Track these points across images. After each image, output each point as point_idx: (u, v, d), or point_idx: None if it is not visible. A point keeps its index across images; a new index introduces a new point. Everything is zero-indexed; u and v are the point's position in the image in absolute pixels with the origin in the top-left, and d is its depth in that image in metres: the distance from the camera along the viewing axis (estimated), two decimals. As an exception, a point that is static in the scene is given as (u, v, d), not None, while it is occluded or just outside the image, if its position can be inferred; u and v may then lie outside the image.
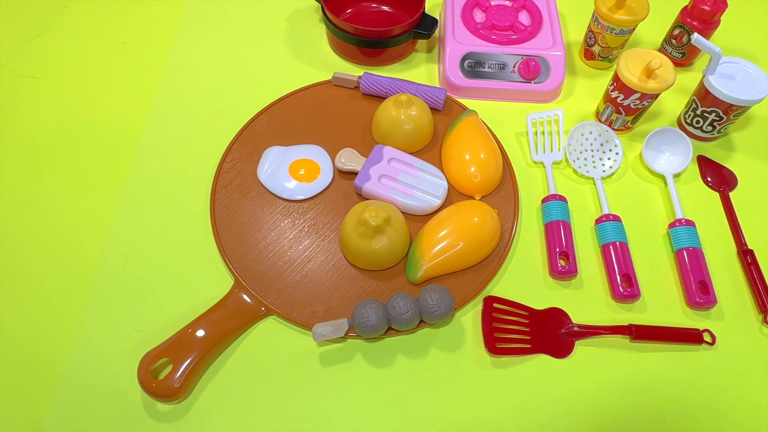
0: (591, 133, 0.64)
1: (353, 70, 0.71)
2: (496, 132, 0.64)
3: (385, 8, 0.75)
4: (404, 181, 0.57)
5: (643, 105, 0.62)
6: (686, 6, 0.68)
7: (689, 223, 0.57)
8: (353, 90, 0.67)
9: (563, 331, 0.52)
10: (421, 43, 0.74)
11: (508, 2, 0.73)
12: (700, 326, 0.52)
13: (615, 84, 0.62)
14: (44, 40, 0.73)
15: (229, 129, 0.63)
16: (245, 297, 0.52)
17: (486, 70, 0.68)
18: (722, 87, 0.59)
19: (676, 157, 0.63)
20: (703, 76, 0.61)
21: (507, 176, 0.61)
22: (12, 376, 0.49)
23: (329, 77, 0.68)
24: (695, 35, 0.58)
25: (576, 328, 0.52)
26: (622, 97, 0.62)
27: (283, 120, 0.65)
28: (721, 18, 0.67)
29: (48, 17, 0.75)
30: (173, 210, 0.58)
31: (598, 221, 0.58)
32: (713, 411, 0.49)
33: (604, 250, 0.56)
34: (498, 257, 0.55)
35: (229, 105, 0.67)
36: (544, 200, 0.59)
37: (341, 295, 0.53)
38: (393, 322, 0.48)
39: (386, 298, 0.53)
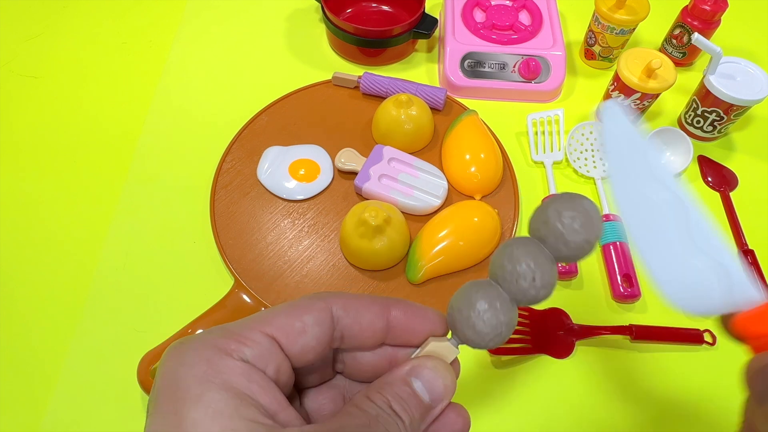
0: (591, 133, 0.64)
1: (353, 70, 0.71)
2: (496, 132, 0.64)
3: (385, 8, 0.75)
4: (404, 181, 0.57)
5: (644, 105, 0.62)
6: (686, 6, 0.68)
7: (689, 223, 0.57)
8: (353, 90, 0.67)
9: (563, 331, 0.52)
10: (421, 43, 0.74)
11: (508, 2, 0.72)
12: (701, 326, 0.52)
13: (615, 84, 0.62)
14: (44, 40, 0.73)
15: (229, 129, 0.63)
16: (245, 297, 0.52)
17: (486, 69, 0.68)
18: (723, 87, 0.59)
19: (676, 157, 0.63)
20: (704, 76, 0.61)
21: (507, 176, 0.61)
22: (11, 375, 0.49)
23: (329, 77, 0.68)
24: (695, 35, 0.58)
25: (576, 328, 0.52)
26: (622, 97, 0.62)
27: (283, 120, 0.64)
28: (722, 18, 0.67)
29: (48, 17, 0.75)
30: (173, 210, 0.58)
31: (599, 221, 0.58)
32: (713, 411, 0.49)
33: (605, 250, 0.56)
34: (498, 257, 0.55)
35: (229, 105, 0.67)
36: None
37: (341, 295, 0.53)
38: (524, 299, 0.23)
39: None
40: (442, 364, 0.23)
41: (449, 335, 0.24)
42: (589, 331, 0.52)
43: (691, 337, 0.52)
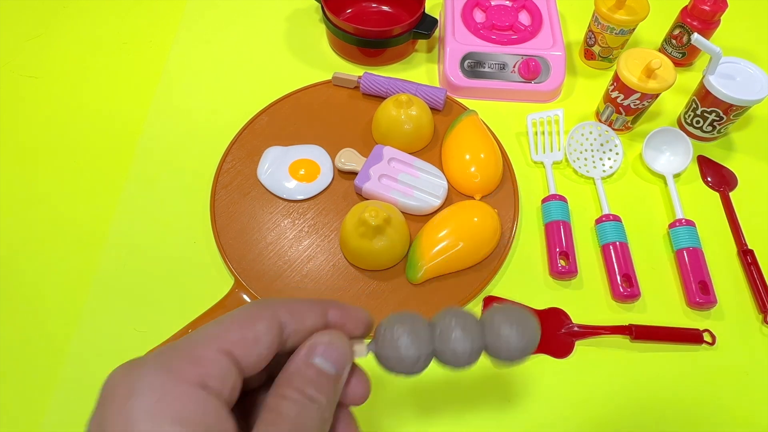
0: (591, 133, 0.64)
1: (353, 70, 0.71)
2: (496, 132, 0.64)
3: (385, 8, 0.75)
4: (404, 181, 0.57)
5: (643, 105, 0.62)
6: (686, 6, 0.68)
7: (689, 223, 0.57)
8: (353, 90, 0.67)
9: (563, 331, 0.52)
10: (421, 43, 0.74)
11: (508, 2, 0.73)
12: (700, 326, 0.52)
13: (615, 84, 0.62)
14: (44, 40, 0.73)
15: (229, 129, 0.63)
16: (245, 297, 0.52)
17: (486, 70, 0.68)
18: (722, 87, 0.59)
19: (676, 157, 0.63)
20: (703, 76, 0.61)
21: (507, 176, 0.61)
22: (11, 375, 0.49)
23: (329, 77, 0.68)
24: (695, 35, 0.58)
25: (576, 328, 0.52)
26: (622, 97, 0.62)
27: (283, 120, 0.64)
28: (721, 18, 0.67)
29: (48, 17, 0.75)
30: (173, 210, 0.58)
31: (598, 221, 0.58)
32: (713, 411, 0.49)
33: (604, 250, 0.56)
34: (498, 257, 0.55)
35: (229, 105, 0.67)
36: (544, 200, 0.59)
37: (341, 296, 0.53)
38: (442, 356, 0.26)
39: (388, 298, 0.53)
40: (334, 333, 0.24)
41: (368, 341, 0.26)
42: (589, 331, 0.52)
43: (691, 337, 0.52)
